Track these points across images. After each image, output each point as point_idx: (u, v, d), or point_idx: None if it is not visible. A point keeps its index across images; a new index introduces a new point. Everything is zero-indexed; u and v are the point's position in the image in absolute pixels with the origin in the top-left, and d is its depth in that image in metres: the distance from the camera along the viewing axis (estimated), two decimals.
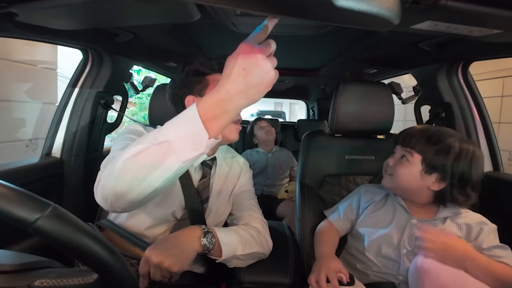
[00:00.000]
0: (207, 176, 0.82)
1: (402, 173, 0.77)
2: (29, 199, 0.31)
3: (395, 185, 0.81)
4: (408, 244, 0.76)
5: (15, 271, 0.35)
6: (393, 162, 0.81)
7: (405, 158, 0.78)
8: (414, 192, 0.79)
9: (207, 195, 0.81)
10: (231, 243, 0.71)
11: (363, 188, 0.94)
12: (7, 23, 0.74)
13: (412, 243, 0.75)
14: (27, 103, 2.11)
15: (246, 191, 0.90)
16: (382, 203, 0.87)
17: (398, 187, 0.81)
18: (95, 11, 0.70)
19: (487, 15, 0.55)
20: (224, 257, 0.69)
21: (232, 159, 0.92)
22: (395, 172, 0.79)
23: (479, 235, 0.73)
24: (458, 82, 1.13)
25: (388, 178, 0.82)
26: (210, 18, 0.86)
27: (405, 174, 0.77)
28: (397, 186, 0.80)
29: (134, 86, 1.52)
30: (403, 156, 0.78)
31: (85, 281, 0.36)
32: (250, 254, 0.75)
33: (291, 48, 1.41)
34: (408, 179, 0.77)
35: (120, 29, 0.98)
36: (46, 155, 1.18)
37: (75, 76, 1.20)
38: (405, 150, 0.78)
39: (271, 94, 3.60)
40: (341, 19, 0.40)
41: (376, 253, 0.80)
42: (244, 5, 0.37)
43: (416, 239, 0.73)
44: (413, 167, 0.76)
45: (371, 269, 0.80)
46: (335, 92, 1.05)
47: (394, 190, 0.83)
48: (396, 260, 0.77)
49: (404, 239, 0.77)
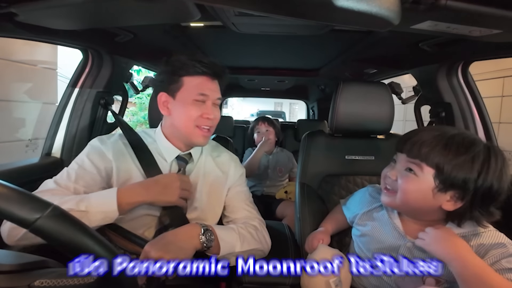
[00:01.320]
0: (181, 169, 0.81)
1: (409, 190, 0.62)
2: (29, 199, 0.31)
3: (397, 204, 0.66)
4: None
5: (15, 271, 0.35)
6: (395, 176, 0.65)
7: (412, 172, 0.62)
8: (421, 212, 0.66)
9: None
10: (229, 240, 0.72)
11: (370, 188, 0.88)
12: (7, 23, 0.74)
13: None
14: (27, 103, 2.11)
15: (240, 192, 0.89)
16: (377, 213, 0.77)
17: (401, 207, 0.67)
18: (95, 11, 0.70)
19: (487, 15, 0.55)
20: (222, 253, 0.70)
21: (219, 155, 0.91)
22: (399, 189, 0.63)
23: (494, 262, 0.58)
24: (458, 82, 1.13)
25: (388, 195, 0.67)
26: (210, 18, 0.86)
27: (412, 192, 0.62)
28: (401, 205, 0.65)
29: (134, 86, 1.52)
30: (410, 169, 0.62)
31: (85, 281, 0.36)
32: (249, 251, 0.75)
33: (291, 48, 1.41)
34: (415, 198, 0.62)
35: (120, 29, 0.98)
36: (46, 155, 1.18)
37: (75, 76, 1.20)
38: (412, 162, 0.62)
39: (271, 94, 3.60)
40: (341, 19, 0.40)
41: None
42: (244, 5, 0.37)
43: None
44: (423, 184, 0.60)
45: (364, 282, 0.78)
46: (335, 92, 1.05)
47: (397, 208, 0.70)
48: (388, 283, 0.71)
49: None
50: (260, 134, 1.89)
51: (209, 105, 0.78)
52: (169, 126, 0.81)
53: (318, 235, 0.86)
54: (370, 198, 0.84)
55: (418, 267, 0.55)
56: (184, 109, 0.76)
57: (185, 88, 0.76)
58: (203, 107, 0.77)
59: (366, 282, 0.78)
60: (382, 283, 0.74)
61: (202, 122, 0.77)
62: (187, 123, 0.77)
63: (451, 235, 0.61)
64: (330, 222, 0.93)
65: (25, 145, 2.10)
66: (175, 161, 0.82)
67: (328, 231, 0.89)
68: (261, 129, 1.92)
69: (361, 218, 0.81)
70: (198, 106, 0.76)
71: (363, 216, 0.81)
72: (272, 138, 1.89)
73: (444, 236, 0.61)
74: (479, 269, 0.55)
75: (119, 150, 0.78)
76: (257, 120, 1.99)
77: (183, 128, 0.78)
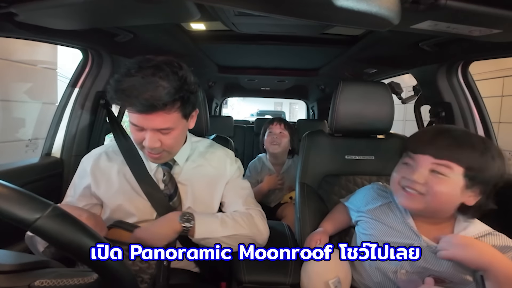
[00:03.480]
0: (165, 174, 0.79)
1: (442, 192, 0.62)
2: (29, 199, 0.31)
3: (427, 207, 0.64)
4: (409, 266, 0.68)
5: (15, 271, 0.35)
6: (423, 179, 0.63)
7: (440, 173, 0.62)
8: (443, 211, 0.66)
9: (174, 191, 0.79)
10: (208, 223, 0.73)
11: (375, 185, 0.87)
12: (7, 23, 0.74)
13: (415, 266, 0.67)
14: (27, 103, 2.11)
15: (237, 186, 0.86)
16: (384, 211, 0.77)
17: (430, 209, 0.65)
18: (95, 11, 0.70)
19: (487, 15, 0.55)
20: (200, 235, 0.71)
21: (213, 153, 0.87)
22: (430, 192, 0.62)
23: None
24: (458, 82, 1.13)
25: (413, 199, 0.65)
26: (210, 18, 0.86)
27: (445, 194, 0.62)
28: (431, 208, 0.65)
29: None
30: (434, 171, 0.63)
31: (85, 281, 0.36)
32: (234, 236, 0.73)
33: (291, 48, 1.41)
34: (448, 199, 0.62)
35: (120, 29, 0.98)
36: (46, 155, 1.18)
37: (75, 76, 1.20)
38: (440, 164, 0.62)
39: (271, 94, 3.60)
40: (341, 19, 0.40)
41: (371, 268, 0.75)
42: (244, 5, 0.37)
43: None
44: (455, 184, 0.61)
45: (366, 280, 0.78)
46: (335, 92, 1.05)
47: (419, 211, 0.68)
48: (392, 280, 0.71)
49: (407, 264, 0.68)
50: (271, 135, 1.60)
51: (149, 134, 0.67)
52: None
53: (315, 236, 0.87)
54: (376, 195, 0.82)
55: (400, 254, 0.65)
56: (130, 128, 0.72)
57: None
58: (142, 133, 0.68)
59: (369, 281, 0.78)
60: (385, 282, 0.74)
61: (146, 148, 0.70)
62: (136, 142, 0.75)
63: (472, 240, 0.62)
64: (330, 222, 0.93)
65: (25, 145, 2.10)
66: (159, 166, 0.80)
67: (326, 232, 0.89)
68: (275, 130, 1.61)
69: (367, 216, 0.80)
70: (137, 132, 0.69)
71: (369, 214, 0.79)
72: (282, 144, 1.60)
73: (467, 243, 0.61)
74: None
75: (99, 163, 0.79)
76: (272, 119, 1.69)
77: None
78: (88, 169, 0.78)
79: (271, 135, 1.61)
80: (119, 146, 0.83)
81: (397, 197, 0.70)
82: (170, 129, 0.68)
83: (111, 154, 0.82)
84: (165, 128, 0.68)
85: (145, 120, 0.65)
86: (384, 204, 0.78)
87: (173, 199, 0.78)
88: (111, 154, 0.82)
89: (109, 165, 0.79)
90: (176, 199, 0.79)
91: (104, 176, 0.78)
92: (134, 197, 0.77)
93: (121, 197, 0.77)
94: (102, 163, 0.80)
